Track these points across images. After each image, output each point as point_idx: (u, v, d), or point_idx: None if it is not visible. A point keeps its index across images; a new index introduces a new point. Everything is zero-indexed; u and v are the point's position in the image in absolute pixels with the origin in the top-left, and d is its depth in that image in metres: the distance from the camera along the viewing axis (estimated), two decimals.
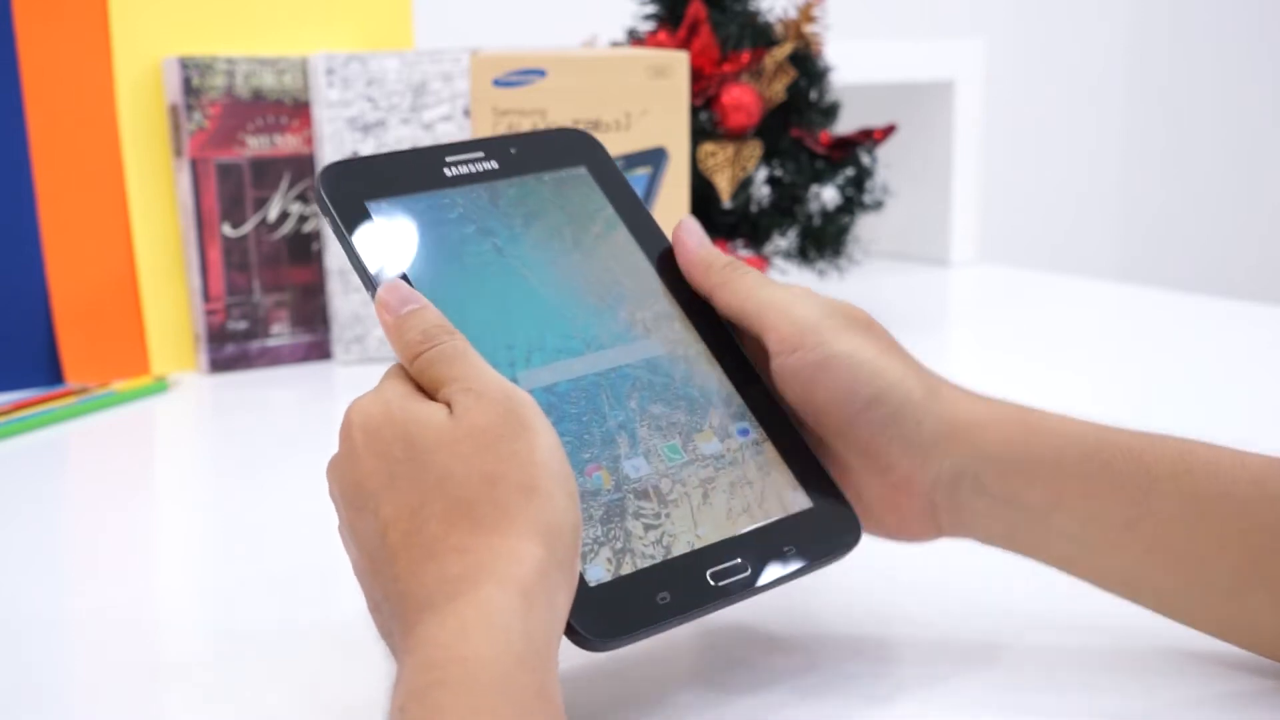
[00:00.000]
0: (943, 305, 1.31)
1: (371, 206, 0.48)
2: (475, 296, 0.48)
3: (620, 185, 0.53)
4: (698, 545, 0.46)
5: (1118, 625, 0.51)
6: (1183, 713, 0.46)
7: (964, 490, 0.48)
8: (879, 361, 0.49)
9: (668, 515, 0.46)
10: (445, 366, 0.44)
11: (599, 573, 0.44)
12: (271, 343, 0.99)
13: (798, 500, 0.48)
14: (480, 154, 0.51)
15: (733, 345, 0.51)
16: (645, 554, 0.44)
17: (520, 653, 0.37)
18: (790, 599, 0.54)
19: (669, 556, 0.45)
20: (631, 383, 0.48)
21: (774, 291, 0.50)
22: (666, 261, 0.52)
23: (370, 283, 0.47)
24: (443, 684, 0.36)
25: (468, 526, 0.40)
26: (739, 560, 0.46)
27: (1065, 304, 1.25)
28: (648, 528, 0.45)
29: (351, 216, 0.47)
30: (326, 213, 0.47)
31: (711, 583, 0.45)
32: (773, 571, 0.46)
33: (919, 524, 0.50)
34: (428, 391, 0.44)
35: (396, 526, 0.41)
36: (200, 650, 0.54)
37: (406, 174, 0.49)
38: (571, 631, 0.42)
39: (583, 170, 0.53)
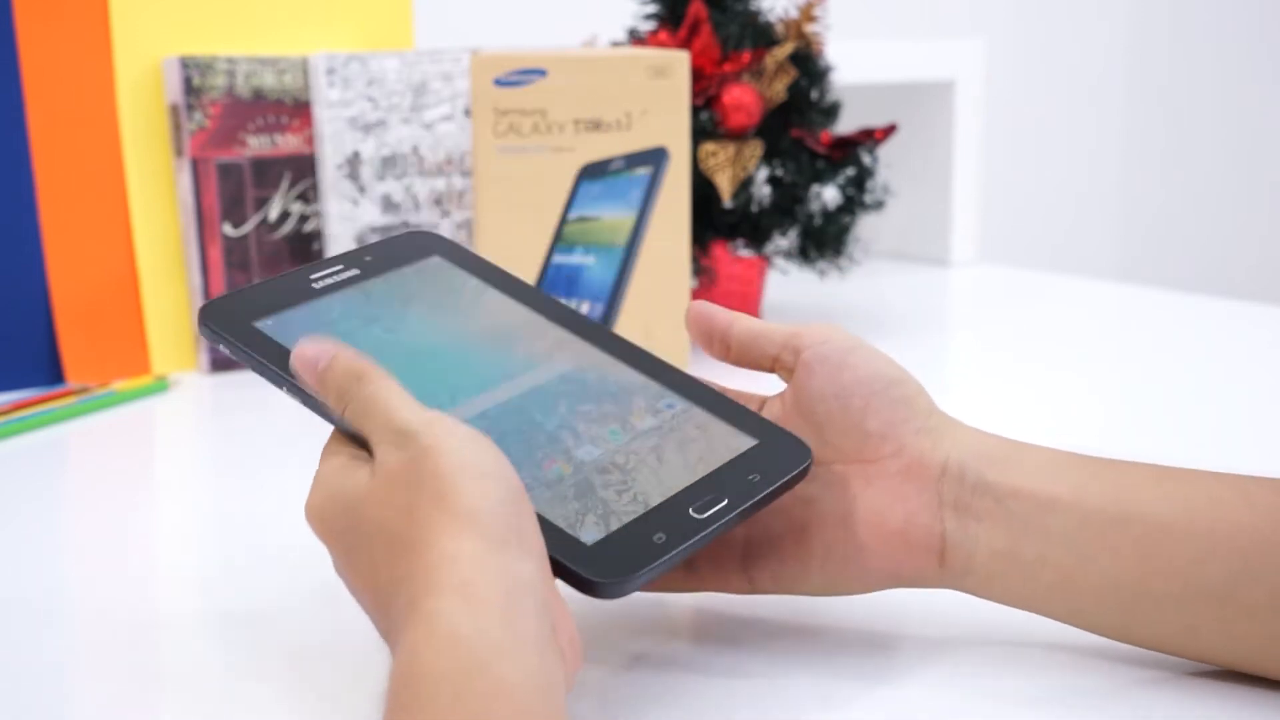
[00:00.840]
0: (943, 305, 1.31)
1: (259, 325, 0.51)
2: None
3: (476, 260, 0.57)
4: (671, 494, 0.48)
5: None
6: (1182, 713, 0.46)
7: (969, 483, 0.49)
8: (896, 364, 0.52)
9: (634, 479, 0.48)
10: (364, 423, 0.45)
11: (592, 534, 0.45)
12: None
13: (743, 442, 0.50)
14: (340, 266, 0.55)
15: (634, 347, 0.54)
16: (627, 511, 0.47)
17: (475, 656, 0.38)
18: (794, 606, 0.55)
19: (649, 508, 0.47)
20: (554, 395, 0.51)
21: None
22: (543, 301, 0.55)
23: (284, 380, 0.49)
24: (402, 709, 0.37)
25: (404, 558, 0.41)
26: (713, 495, 0.48)
27: (1065, 304, 1.25)
28: (620, 492, 0.47)
29: (245, 336, 0.50)
30: (221, 340, 0.51)
31: (697, 516, 0.47)
32: (746, 495, 0.48)
33: (925, 519, 0.49)
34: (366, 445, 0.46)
35: (367, 591, 0.44)
36: (200, 650, 0.54)
37: (281, 295, 0.53)
38: (585, 584, 0.44)
39: (436, 259, 0.57)
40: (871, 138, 1.06)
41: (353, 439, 0.47)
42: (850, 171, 1.06)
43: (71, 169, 0.94)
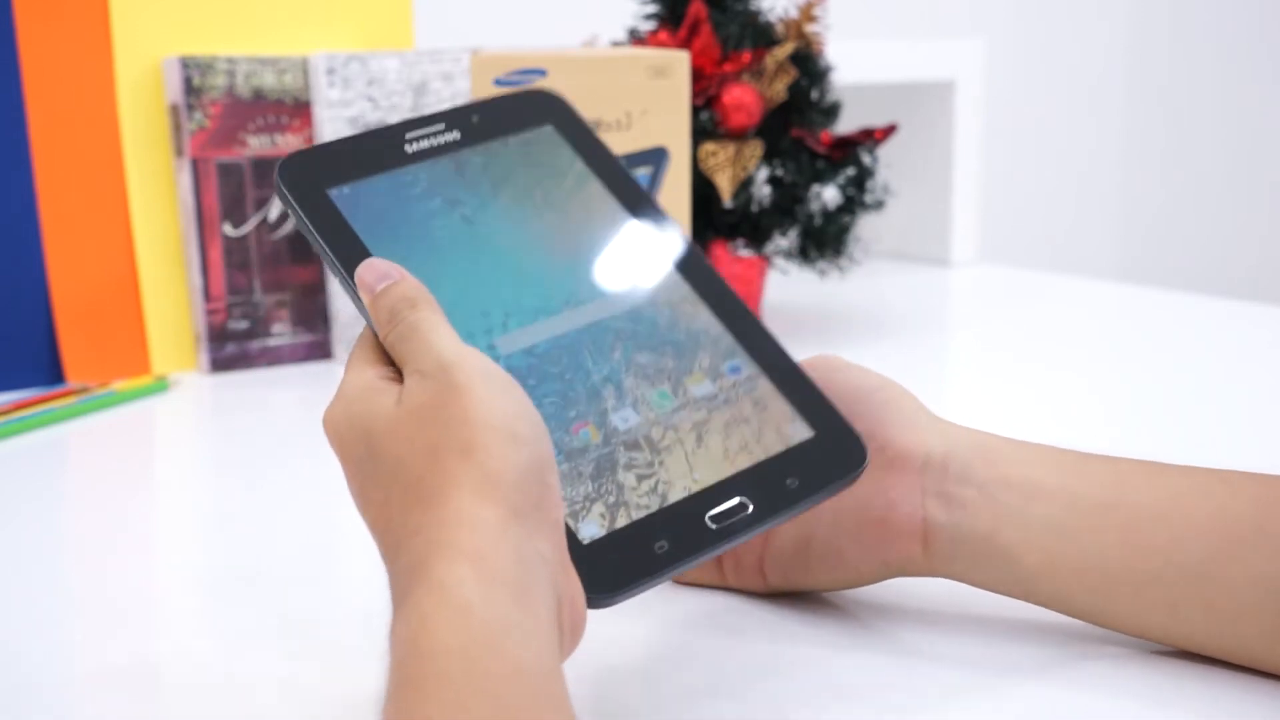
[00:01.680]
0: (943, 305, 1.31)
1: (334, 194, 0.47)
2: (445, 269, 0.47)
3: (589, 139, 0.53)
4: (694, 489, 0.45)
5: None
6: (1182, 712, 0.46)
7: (953, 472, 0.50)
8: (886, 378, 0.54)
9: (661, 463, 0.46)
10: (402, 347, 0.44)
11: (593, 529, 0.43)
12: (272, 342, 0.99)
13: (798, 431, 0.48)
14: (441, 126, 0.51)
15: (719, 284, 0.50)
16: (640, 505, 0.44)
17: (487, 633, 0.37)
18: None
19: (665, 504, 0.44)
20: (614, 335, 0.48)
21: None
22: (644, 205, 0.51)
23: (338, 270, 0.46)
24: (409, 682, 0.36)
25: (419, 506, 0.40)
26: (739, 499, 0.45)
27: (1065, 304, 1.25)
28: (640, 478, 0.45)
29: (314, 207, 0.47)
30: (289, 205, 0.47)
31: (711, 526, 0.44)
32: (775, 505, 0.46)
33: (908, 506, 0.50)
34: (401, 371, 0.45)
35: (377, 526, 0.42)
36: (200, 649, 0.54)
37: (367, 156, 0.49)
38: None
39: (549, 129, 0.52)
40: (871, 138, 1.06)
41: (386, 356, 0.45)
42: (850, 171, 1.06)
43: (71, 169, 0.94)
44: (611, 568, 0.43)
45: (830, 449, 0.48)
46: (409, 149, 0.50)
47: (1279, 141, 2.08)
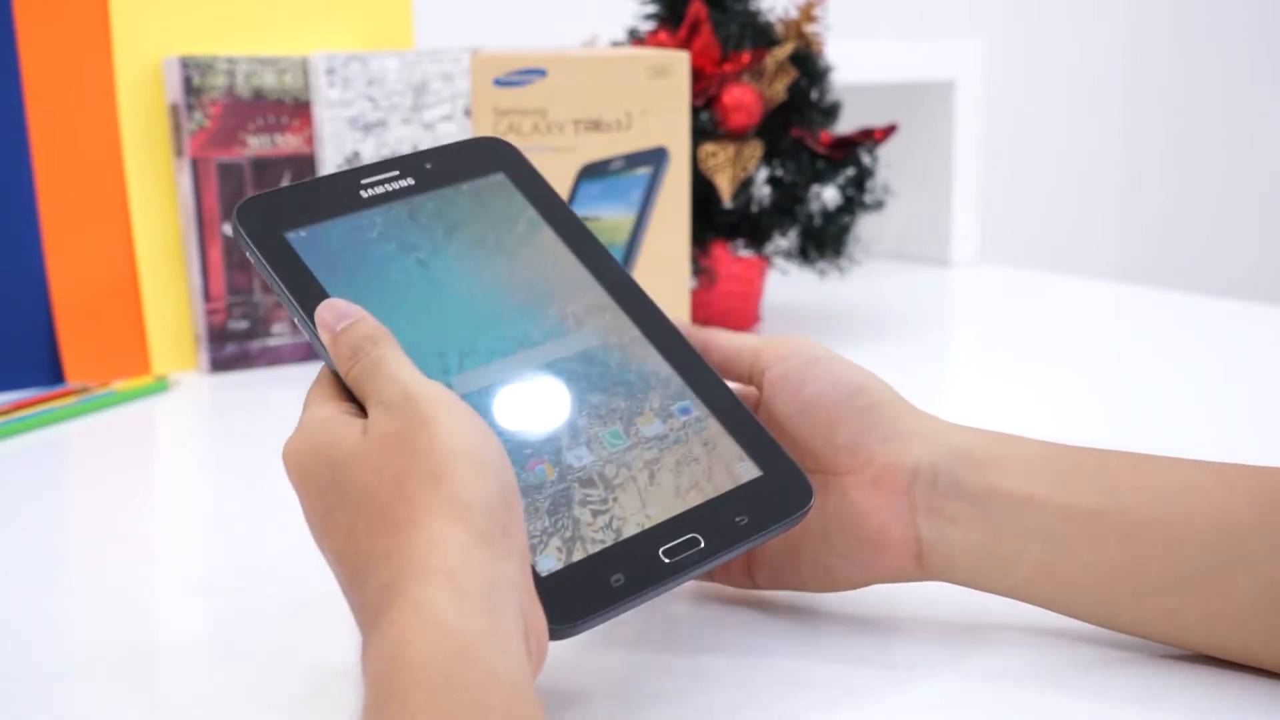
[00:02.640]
0: (943, 305, 1.31)
1: (290, 237, 0.48)
2: (401, 310, 0.49)
3: (541, 187, 0.54)
4: (648, 525, 0.46)
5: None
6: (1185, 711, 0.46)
7: (941, 487, 0.50)
8: (860, 368, 0.53)
9: (615, 499, 0.46)
10: (365, 382, 0.45)
11: (550, 563, 0.44)
12: (272, 342, 0.99)
13: (747, 470, 0.49)
14: (395, 173, 0.52)
15: (668, 327, 0.51)
16: (595, 539, 0.45)
17: (465, 646, 0.37)
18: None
19: (619, 539, 0.45)
20: (569, 375, 0.49)
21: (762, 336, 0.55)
22: (594, 253, 0.52)
23: (296, 310, 0.47)
24: (393, 695, 0.37)
25: (389, 532, 0.41)
26: (691, 535, 0.46)
27: (1065, 304, 1.25)
28: (595, 514, 0.46)
29: (271, 249, 0.48)
30: (247, 248, 0.48)
31: (665, 560, 0.45)
32: (726, 541, 0.46)
33: (899, 529, 0.50)
34: (363, 407, 0.45)
35: (342, 554, 0.43)
36: (200, 649, 0.54)
37: (323, 201, 0.50)
38: None
39: (501, 177, 0.53)
40: (871, 138, 1.06)
41: (347, 393, 0.46)
42: (850, 171, 1.06)
43: (71, 169, 0.94)
44: (569, 599, 0.43)
45: (778, 488, 0.48)
46: (364, 194, 0.51)
47: (1279, 141, 2.08)
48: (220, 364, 0.97)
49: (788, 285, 1.21)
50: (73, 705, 0.50)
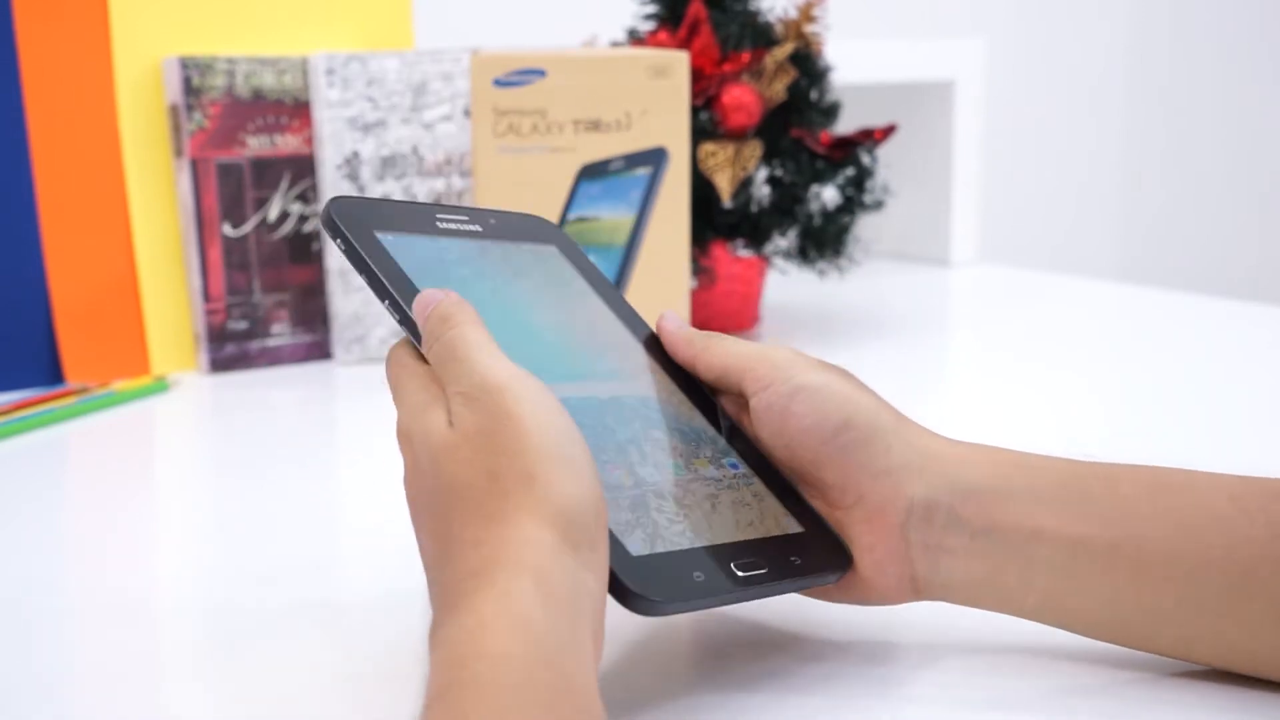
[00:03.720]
0: (943, 305, 1.31)
1: (380, 236, 0.50)
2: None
3: (589, 266, 0.57)
4: (717, 542, 0.47)
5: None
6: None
7: (938, 523, 0.48)
8: (849, 392, 0.49)
9: (687, 515, 0.48)
10: (441, 367, 0.45)
11: (638, 546, 0.45)
12: (272, 343, 0.99)
13: (791, 525, 0.50)
14: (465, 217, 0.54)
15: (711, 403, 0.53)
16: (675, 541, 0.46)
17: (544, 646, 0.37)
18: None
19: (695, 545, 0.47)
20: (631, 410, 0.50)
21: (752, 346, 0.52)
22: (642, 330, 0.55)
23: (394, 302, 0.49)
24: (464, 684, 0.36)
25: (481, 522, 0.41)
26: (755, 559, 0.47)
27: (1065, 304, 1.25)
28: (671, 521, 0.47)
29: (365, 241, 0.50)
30: (339, 235, 0.50)
31: (738, 572, 0.46)
32: (786, 574, 0.48)
33: (895, 567, 0.49)
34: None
35: (435, 535, 0.43)
36: (201, 649, 0.54)
37: (405, 218, 0.52)
38: (622, 592, 0.43)
39: (553, 249, 0.56)
40: (871, 138, 1.06)
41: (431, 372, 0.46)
42: (850, 171, 1.06)
43: (71, 169, 0.94)
44: (657, 581, 0.44)
45: (820, 544, 0.49)
46: (440, 225, 0.53)
47: (1279, 141, 2.08)
48: (220, 364, 0.97)
49: (787, 285, 1.21)
50: (73, 705, 0.50)
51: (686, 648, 0.53)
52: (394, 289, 0.48)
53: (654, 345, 0.54)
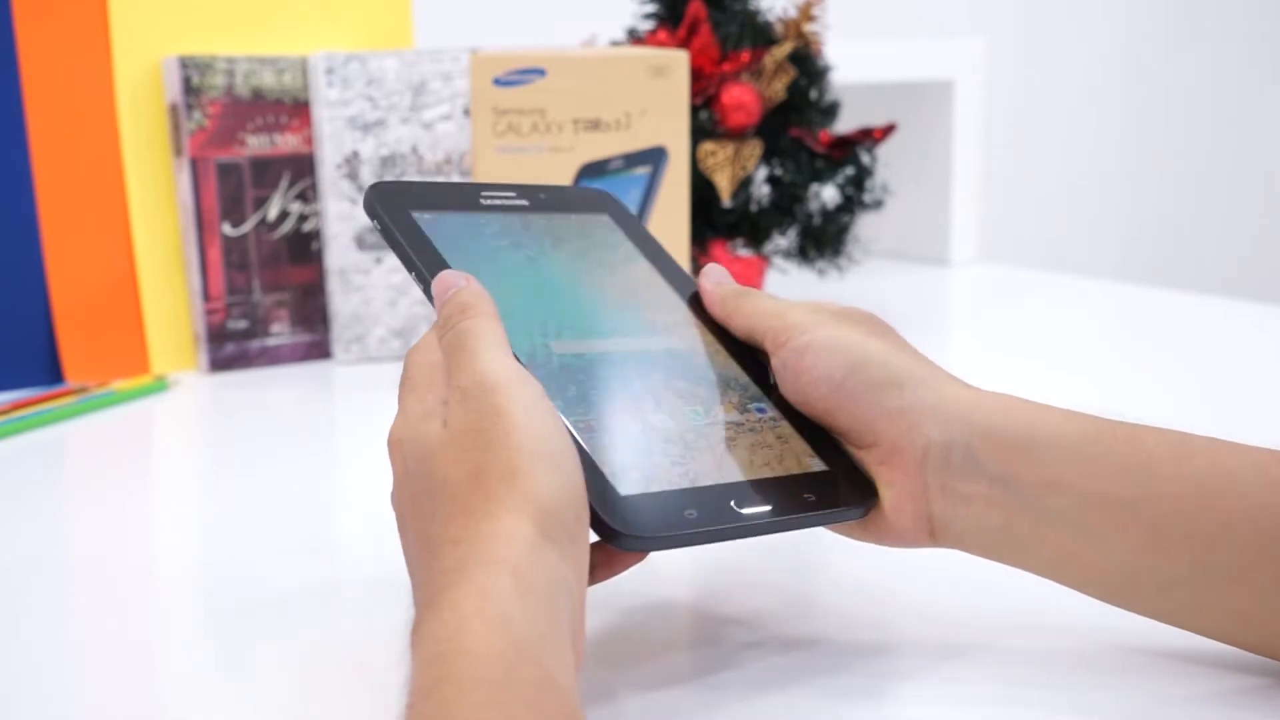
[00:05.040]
0: (943, 305, 1.31)
1: (416, 216, 0.53)
2: (509, 287, 0.52)
3: (641, 233, 0.58)
4: (721, 481, 0.48)
5: (1112, 624, 0.51)
6: (1186, 709, 0.46)
7: (956, 466, 0.48)
8: (860, 340, 0.50)
9: (691, 458, 0.48)
10: (450, 358, 0.46)
11: (629, 487, 0.46)
12: (271, 342, 0.99)
13: (816, 464, 0.50)
14: (513, 194, 0.57)
15: (751, 352, 0.54)
16: (672, 481, 0.47)
17: (523, 641, 0.38)
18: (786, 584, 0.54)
19: (694, 485, 0.47)
20: (655, 362, 0.52)
21: (775, 304, 0.53)
22: (689, 290, 0.56)
23: (420, 275, 0.51)
24: (448, 679, 0.36)
25: (462, 520, 0.42)
26: (760, 497, 0.47)
27: (1065, 304, 1.25)
28: (673, 464, 0.47)
29: (399, 220, 0.52)
30: (375, 217, 0.52)
31: (736, 509, 0.47)
32: (794, 511, 0.48)
33: (912, 505, 0.49)
34: None
35: (420, 537, 0.43)
36: (200, 648, 0.54)
37: (447, 196, 0.55)
38: (605, 530, 0.44)
39: (606, 218, 0.58)
40: (870, 137, 1.06)
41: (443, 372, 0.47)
42: (849, 171, 1.06)
43: (71, 169, 0.94)
44: (645, 518, 0.45)
45: (844, 483, 0.50)
46: (484, 201, 0.55)
47: (1279, 141, 2.09)
48: (219, 364, 0.97)
49: (787, 285, 1.21)
50: (73, 705, 0.50)
51: (683, 645, 0.53)
52: (420, 263, 0.50)
53: (697, 303, 0.56)
